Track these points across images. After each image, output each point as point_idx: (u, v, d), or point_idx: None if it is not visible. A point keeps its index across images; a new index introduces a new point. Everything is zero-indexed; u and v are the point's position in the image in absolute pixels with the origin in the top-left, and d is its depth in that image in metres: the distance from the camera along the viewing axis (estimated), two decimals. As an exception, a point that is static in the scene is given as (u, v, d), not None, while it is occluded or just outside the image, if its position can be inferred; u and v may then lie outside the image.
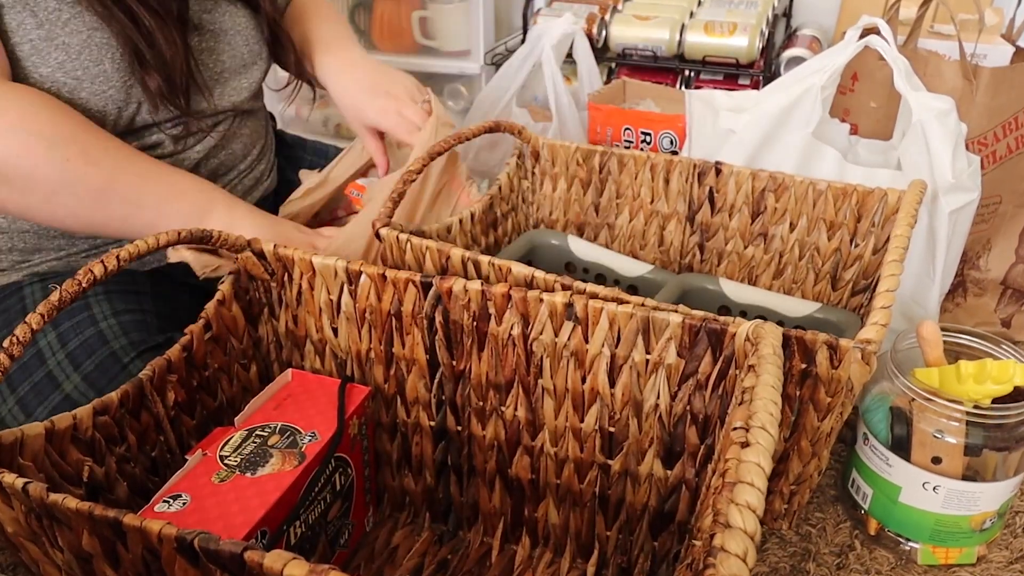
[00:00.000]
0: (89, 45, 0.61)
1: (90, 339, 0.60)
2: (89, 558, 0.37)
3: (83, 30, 0.60)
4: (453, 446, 0.58)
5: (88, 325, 0.61)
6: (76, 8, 0.60)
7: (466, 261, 0.55)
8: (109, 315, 0.62)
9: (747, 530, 0.30)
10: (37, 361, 0.60)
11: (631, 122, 0.90)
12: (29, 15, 0.59)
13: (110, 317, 0.62)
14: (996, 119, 0.79)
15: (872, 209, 0.67)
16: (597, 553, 0.58)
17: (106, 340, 0.60)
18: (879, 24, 0.75)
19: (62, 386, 0.58)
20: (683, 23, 1.26)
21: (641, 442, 0.52)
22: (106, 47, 0.61)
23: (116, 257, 0.45)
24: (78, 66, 0.61)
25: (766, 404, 0.36)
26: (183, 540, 0.33)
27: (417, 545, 0.60)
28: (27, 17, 0.59)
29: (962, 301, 0.91)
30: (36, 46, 0.59)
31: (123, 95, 0.63)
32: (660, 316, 0.48)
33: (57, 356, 0.60)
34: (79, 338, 0.60)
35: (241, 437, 0.49)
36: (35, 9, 0.59)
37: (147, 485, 0.49)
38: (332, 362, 0.58)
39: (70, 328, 0.61)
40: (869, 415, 0.62)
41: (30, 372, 0.60)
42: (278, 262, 0.56)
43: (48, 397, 0.58)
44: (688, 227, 0.76)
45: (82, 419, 0.44)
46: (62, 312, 0.60)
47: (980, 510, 0.58)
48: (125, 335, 0.60)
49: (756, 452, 0.33)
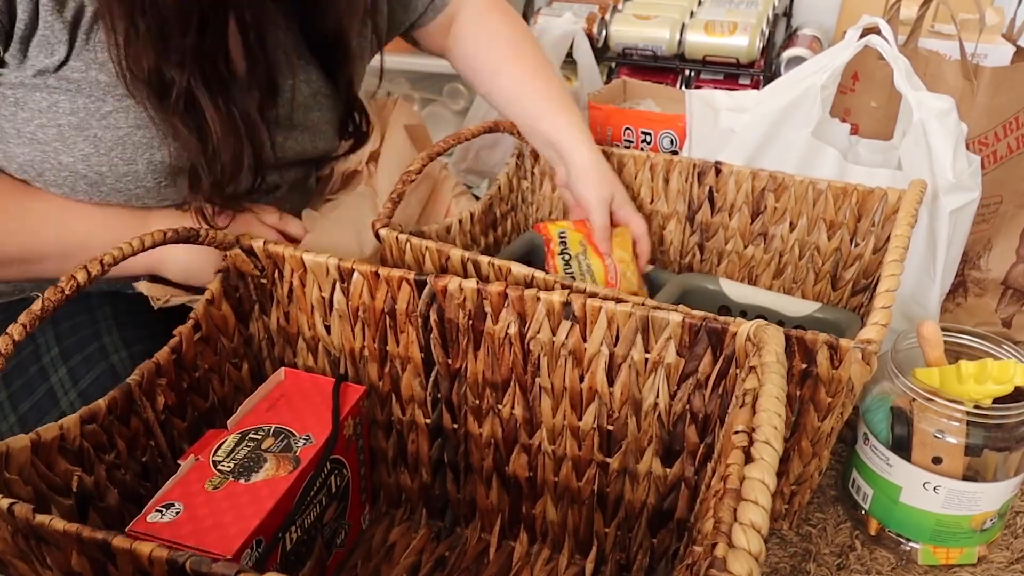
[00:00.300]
0: (124, 143, 0.54)
1: (101, 376, 0.57)
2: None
3: (123, 126, 0.54)
4: (449, 444, 0.58)
5: (99, 360, 0.58)
6: (124, 102, 0.53)
7: (466, 262, 0.55)
8: (120, 347, 0.59)
9: (751, 551, 0.30)
10: (50, 402, 0.57)
11: (631, 122, 0.90)
12: (66, 98, 0.53)
13: (121, 350, 0.59)
14: (997, 119, 0.79)
15: (872, 209, 0.67)
16: (596, 550, 0.57)
17: (118, 377, 0.55)
18: (880, 24, 0.74)
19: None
20: (683, 23, 1.25)
21: (640, 440, 0.52)
22: (144, 147, 0.55)
23: (100, 262, 0.44)
24: (104, 162, 0.54)
25: (770, 417, 0.36)
26: (174, 563, 0.33)
27: (414, 542, 0.59)
28: (63, 100, 0.53)
29: (963, 301, 0.90)
30: (63, 132, 0.53)
31: (153, 195, 0.57)
32: (659, 315, 0.48)
33: (69, 396, 0.57)
34: (91, 375, 0.57)
35: (234, 441, 0.48)
36: (76, 94, 0.53)
37: (139, 491, 0.48)
38: (325, 359, 0.58)
39: (81, 363, 0.58)
40: (870, 415, 0.62)
41: (44, 414, 0.57)
42: (268, 259, 0.55)
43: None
44: (688, 227, 0.76)
45: (69, 429, 0.43)
46: (71, 343, 0.58)
47: (981, 510, 0.58)
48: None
49: (760, 469, 0.33)
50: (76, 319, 0.60)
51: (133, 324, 0.61)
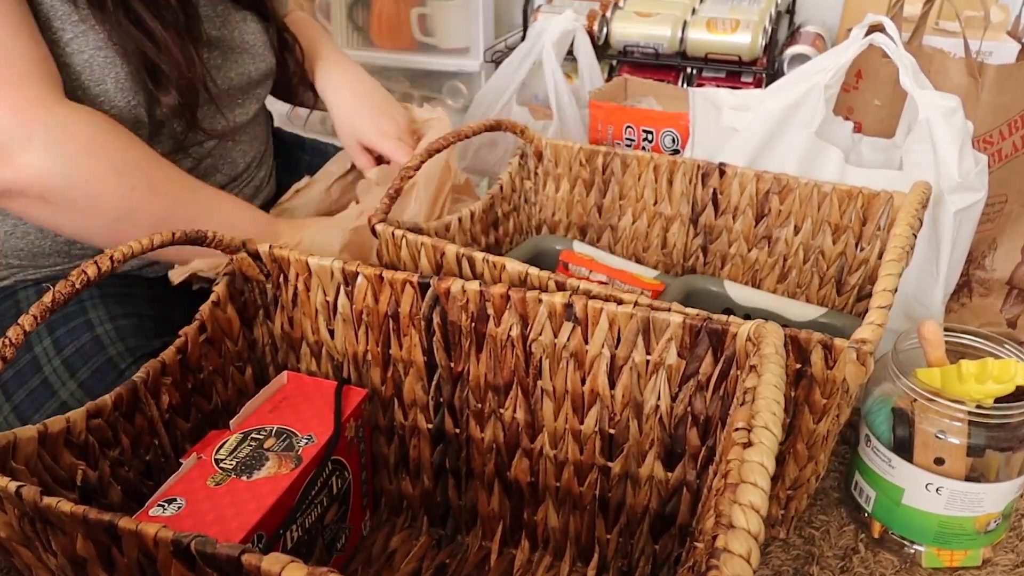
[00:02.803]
0: (91, 64, 0.59)
1: (86, 345, 0.59)
2: (83, 563, 0.37)
3: (86, 50, 0.58)
4: (451, 449, 0.57)
5: (84, 331, 0.60)
6: (80, 27, 0.58)
7: (461, 258, 0.55)
8: (105, 320, 0.61)
9: (751, 530, 0.30)
10: (32, 368, 0.59)
11: (632, 120, 0.89)
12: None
13: (106, 322, 0.61)
14: (1002, 117, 0.79)
15: (878, 212, 0.66)
16: (597, 556, 0.57)
17: (102, 346, 0.59)
18: (884, 22, 0.74)
19: (58, 393, 0.58)
20: (685, 20, 1.25)
21: (641, 444, 0.52)
22: (109, 66, 0.59)
23: (110, 258, 0.45)
24: (77, 87, 0.58)
25: (768, 403, 0.36)
26: (179, 543, 0.33)
27: (415, 549, 0.59)
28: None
29: (967, 301, 0.90)
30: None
31: (127, 116, 0.61)
32: (660, 316, 0.47)
33: (53, 363, 0.59)
34: (75, 344, 0.59)
35: (236, 440, 0.49)
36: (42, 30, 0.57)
37: (141, 489, 0.48)
38: (328, 364, 0.58)
39: (65, 334, 0.60)
40: (871, 417, 0.61)
41: (25, 379, 0.59)
42: (273, 263, 0.55)
43: (44, 405, 0.58)
44: (691, 229, 0.75)
45: (75, 422, 0.43)
46: (57, 317, 0.60)
47: (984, 511, 0.58)
48: (122, 340, 0.59)
49: (759, 452, 0.33)
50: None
51: (119, 302, 0.63)
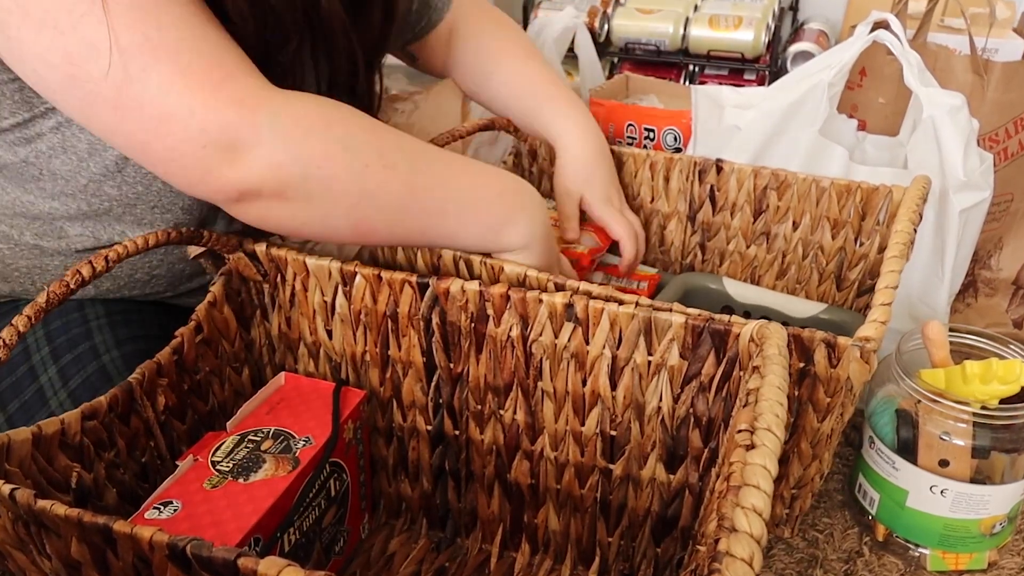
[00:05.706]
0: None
1: (92, 376, 0.56)
2: (78, 566, 0.37)
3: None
4: (451, 451, 0.57)
5: (90, 359, 0.57)
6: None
7: (457, 260, 0.54)
8: (112, 346, 0.58)
9: (753, 534, 0.30)
10: (39, 401, 0.56)
11: (634, 118, 0.89)
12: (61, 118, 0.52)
13: (112, 348, 0.58)
14: (1007, 115, 0.78)
15: (877, 207, 0.66)
16: (598, 559, 0.57)
17: (108, 377, 0.56)
18: (889, 19, 0.73)
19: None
20: (687, 17, 1.24)
21: (643, 446, 0.51)
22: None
23: (104, 258, 0.44)
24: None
25: (772, 405, 0.35)
26: (175, 547, 0.33)
27: (414, 552, 0.59)
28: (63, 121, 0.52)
29: (973, 301, 0.89)
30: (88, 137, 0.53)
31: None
32: (662, 316, 0.47)
33: (59, 395, 0.56)
34: (80, 374, 0.56)
35: (233, 442, 0.48)
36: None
37: (137, 492, 0.48)
38: (327, 365, 0.57)
39: (71, 362, 0.57)
40: (875, 418, 0.61)
41: (32, 413, 0.56)
42: (271, 263, 0.54)
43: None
44: (689, 226, 0.75)
45: (70, 424, 0.43)
46: (62, 342, 0.58)
47: (989, 513, 0.57)
48: (128, 371, 0.57)
49: (762, 454, 0.33)
50: (68, 317, 0.60)
51: (125, 323, 0.61)
